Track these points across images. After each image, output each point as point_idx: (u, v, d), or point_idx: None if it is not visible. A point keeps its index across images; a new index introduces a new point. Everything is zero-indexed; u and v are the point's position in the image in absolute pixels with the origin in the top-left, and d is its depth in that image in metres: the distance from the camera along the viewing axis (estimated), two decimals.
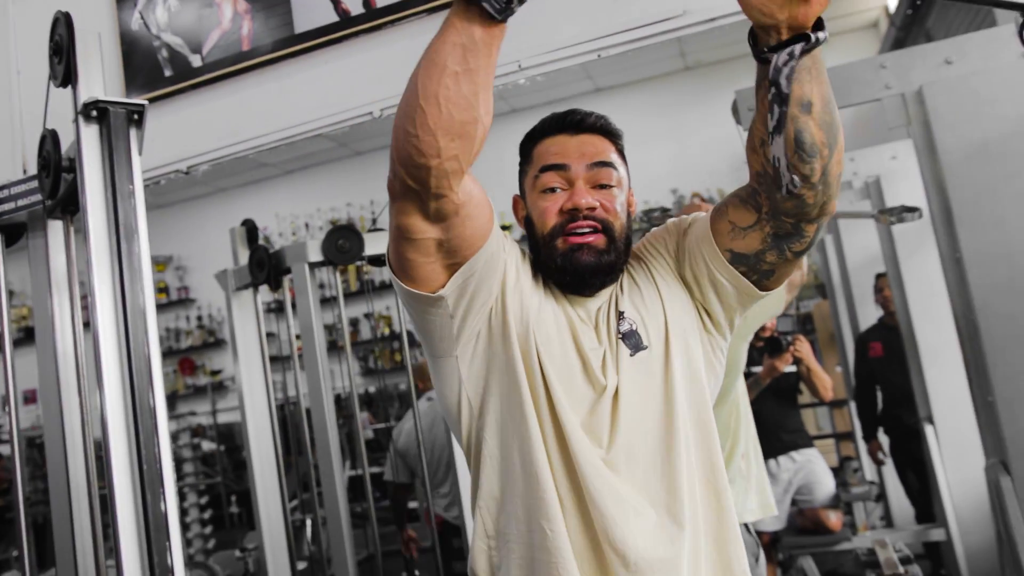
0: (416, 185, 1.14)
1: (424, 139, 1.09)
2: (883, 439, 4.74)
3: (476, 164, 1.18)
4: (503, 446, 1.33)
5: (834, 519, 3.99)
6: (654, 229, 1.50)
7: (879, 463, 4.77)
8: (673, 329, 1.37)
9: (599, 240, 1.34)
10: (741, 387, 2.58)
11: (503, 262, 1.33)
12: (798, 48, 1.07)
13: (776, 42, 1.09)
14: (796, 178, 1.15)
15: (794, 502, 4.14)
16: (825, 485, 4.10)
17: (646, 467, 1.31)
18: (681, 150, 7.50)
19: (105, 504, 1.57)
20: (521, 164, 1.45)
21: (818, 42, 1.07)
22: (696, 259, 1.36)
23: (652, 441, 1.32)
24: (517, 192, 1.47)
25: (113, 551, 1.51)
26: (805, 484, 4.11)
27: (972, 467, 2.95)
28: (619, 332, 1.36)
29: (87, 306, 1.63)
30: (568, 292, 1.38)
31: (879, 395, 4.70)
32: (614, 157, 1.40)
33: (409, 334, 3.34)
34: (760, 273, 1.34)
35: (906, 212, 3.08)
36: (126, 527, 1.48)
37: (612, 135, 1.43)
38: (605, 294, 1.40)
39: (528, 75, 2.10)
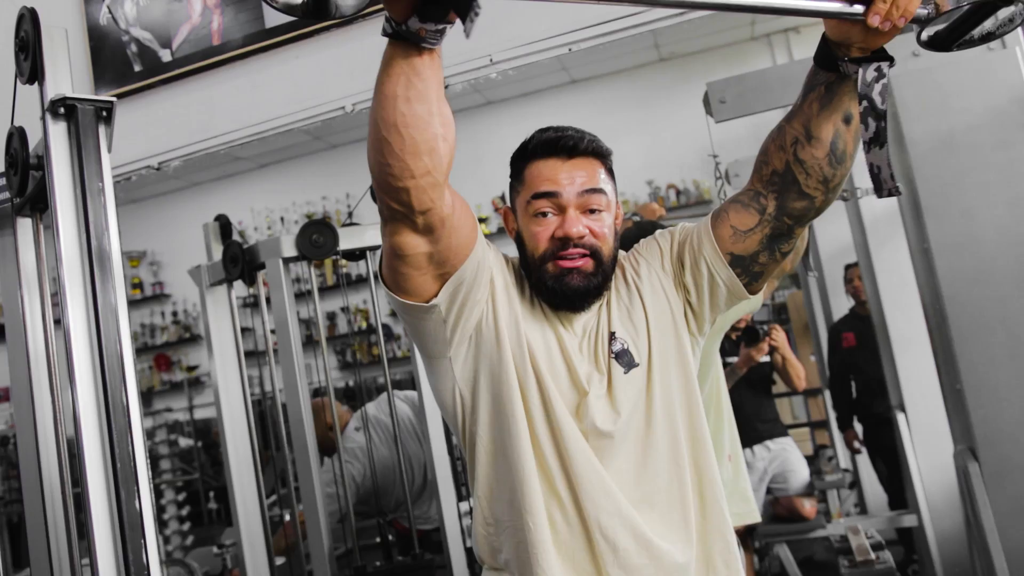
0: (401, 207, 1.21)
1: (395, 165, 1.16)
2: (858, 427, 4.80)
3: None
4: (494, 440, 1.41)
5: (808, 507, 4.04)
6: (643, 240, 1.56)
7: (854, 451, 4.83)
8: (663, 342, 1.45)
9: (588, 264, 1.40)
10: (722, 388, 2.55)
11: (489, 268, 1.40)
12: (886, 66, 1.18)
13: (847, 57, 1.20)
14: (896, 186, 1.23)
15: (769, 490, 4.19)
16: (799, 473, 4.15)
17: (628, 466, 1.40)
18: (656, 141, 7.53)
19: (79, 503, 1.56)
20: (513, 182, 1.49)
21: (893, 65, 1.19)
22: (699, 264, 1.44)
23: (633, 445, 1.41)
24: (507, 204, 1.53)
25: (88, 550, 1.50)
26: (780, 473, 4.16)
27: (942, 454, 3.00)
28: (611, 352, 1.43)
29: (58, 303, 1.63)
30: (555, 309, 1.45)
31: (853, 384, 4.76)
32: (603, 178, 1.44)
33: (385, 327, 3.34)
34: (751, 275, 1.44)
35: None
36: (100, 526, 1.47)
37: (602, 156, 1.46)
38: (591, 312, 1.46)
39: (499, 69, 2.11)
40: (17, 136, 1.73)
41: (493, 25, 1.21)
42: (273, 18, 2.30)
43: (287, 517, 3.36)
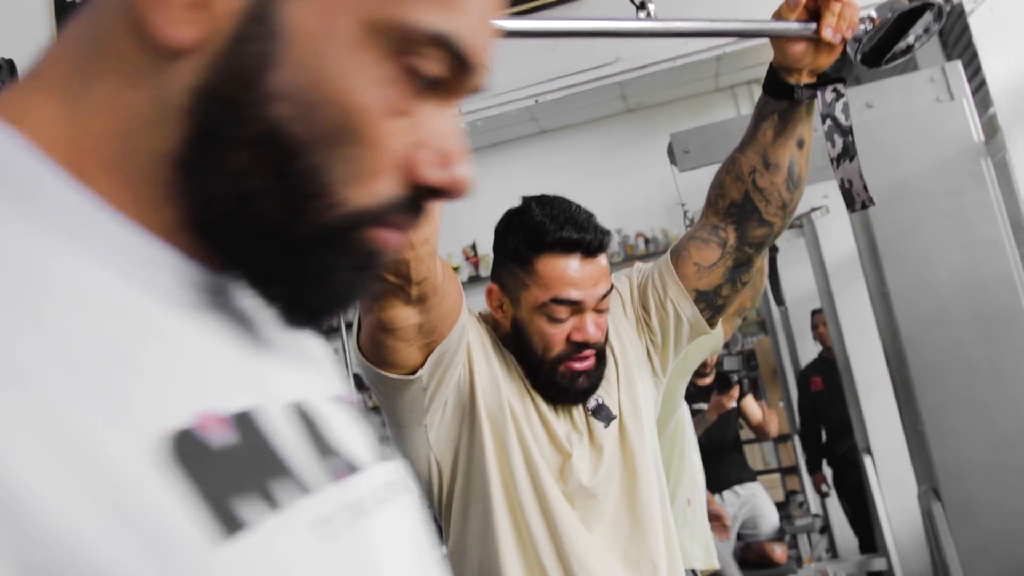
0: (399, 279, 1.14)
1: None
2: (827, 471, 4.84)
3: None
4: (466, 506, 1.36)
5: (779, 552, 4.05)
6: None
7: (823, 494, 4.86)
8: (631, 390, 1.44)
9: (593, 363, 1.37)
10: (687, 430, 2.55)
11: (466, 330, 1.34)
12: (842, 87, 1.23)
13: (799, 83, 1.25)
14: (869, 197, 1.27)
15: (739, 536, 4.20)
16: (769, 518, 4.17)
17: (615, 525, 1.37)
18: (624, 191, 7.63)
19: None
20: (514, 268, 1.39)
21: (845, 84, 1.23)
22: (664, 305, 1.44)
23: (616, 500, 1.38)
24: (495, 283, 1.45)
25: None
26: (750, 518, 4.17)
27: (909, 496, 3.03)
28: (587, 409, 1.40)
29: None
30: (555, 403, 1.40)
31: (822, 428, 4.81)
32: (608, 272, 1.41)
33: (356, 377, 3.32)
34: (714, 309, 1.44)
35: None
36: None
37: (607, 247, 1.42)
38: None
39: (468, 119, 2.15)
40: None
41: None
42: None
43: None
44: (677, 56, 1.98)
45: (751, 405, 4.47)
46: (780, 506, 4.42)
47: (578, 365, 1.35)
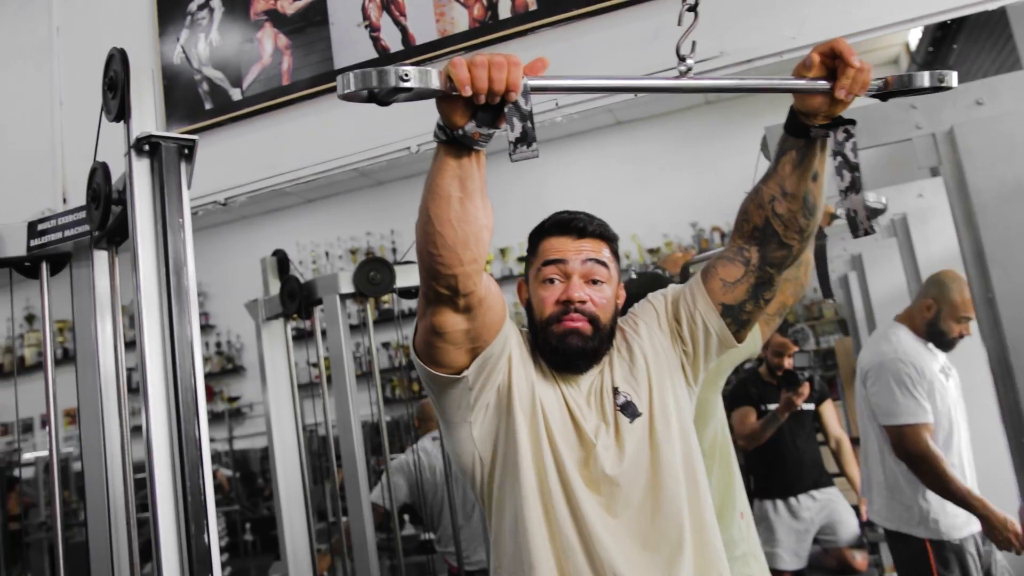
0: (447, 292, 1.35)
1: (447, 256, 1.30)
2: None
3: (502, 194, 1.25)
4: (505, 498, 1.53)
5: (860, 559, 3.95)
6: (638, 304, 1.73)
7: None
8: (662, 393, 1.59)
9: (586, 328, 1.55)
10: (728, 441, 2.45)
11: (509, 340, 1.54)
12: (852, 128, 1.39)
13: (816, 125, 1.40)
14: (871, 225, 1.45)
15: (817, 541, 4.10)
16: (848, 524, 4.07)
17: (638, 513, 1.51)
18: (700, 184, 7.53)
19: (143, 530, 1.58)
20: (528, 256, 1.66)
21: (855, 126, 1.40)
22: (694, 317, 1.61)
23: (643, 490, 1.53)
24: (523, 278, 1.69)
25: None
26: (828, 523, 4.08)
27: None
28: (616, 405, 1.57)
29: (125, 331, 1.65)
30: (559, 371, 1.59)
31: None
32: (607, 256, 1.61)
33: None
34: (739, 323, 1.61)
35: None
36: (170, 560, 1.49)
37: (608, 239, 1.63)
38: (594, 372, 1.61)
39: (565, 113, 2.13)
40: (101, 171, 1.78)
41: (558, 70, 1.24)
42: (341, 60, 2.36)
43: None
44: (785, 51, 1.93)
45: (830, 416, 4.38)
46: (857, 510, 4.31)
47: (568, 324, 1.54)
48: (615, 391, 1.58)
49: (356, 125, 2.34)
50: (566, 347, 1.54)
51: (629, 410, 1.57)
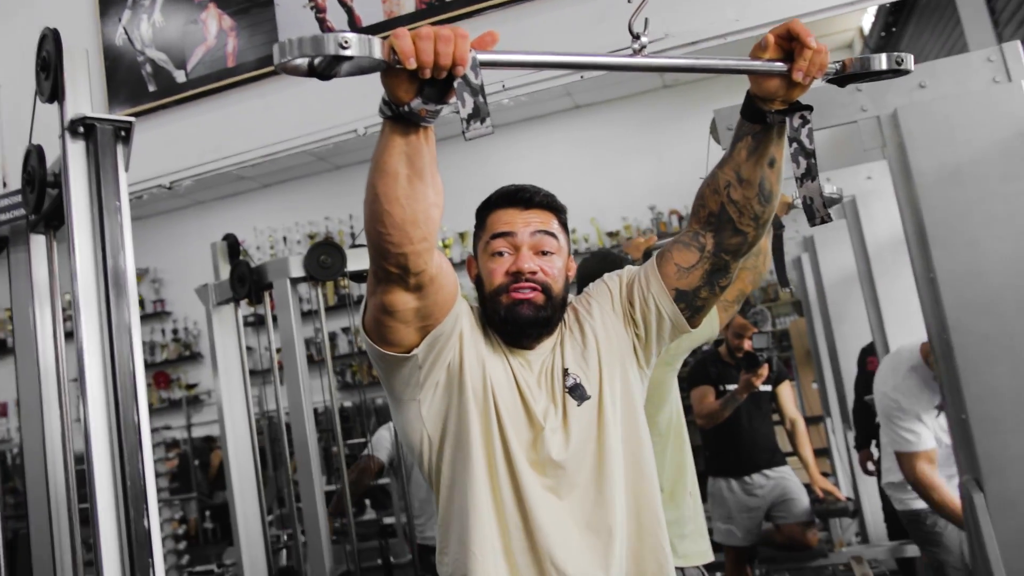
0: (397, 270, 1.32)
1: (395, 234, 1.27)
2: (874, 451, 4.76)
3: (463, 179, 1.22)
4: (453, 476, 1.51)
5: (810, 535, 4.02)
6: (593, 284, 1.69)
7: (868, 473, 4.79)
8: (612, 375, 1.57)
9: (538, 297, 1.53)
10: (679, 421, 2.47)
11: (460, 318, 1.51)
12: (808, 113, 1.36)
13: (773, 110, 1.37)
14: (828, 213, 1.43)
15: (769, 518, 4.17)
16: (800, 501, 4.14)
17: (583, 496, 1.51)
18: (659, 168, 7.56)
19: (85, 519, 1.56)
20: (476, 229, 1.63)
21: (811, 112, 1.37)
22: (647, 300, 1.58)
23: (589, 473, 1.52)
24: (471, 254, 1.66)
25: (94, 568, 1.50)
26: (780, 501, 4.15)
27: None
28: (565, 387, 1.55)
29: (68, 318, 1.63)
30: (510, 343, 1.56)
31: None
32: (556, 228, 1.59)
33: None
34: (693, 309, 1.58)
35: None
36: (109, 544, 1.47)
37: (556, 210, 1.60)
38: (546, 348, 1.59)
39: (512, 95, 2.13)
40: (35, 154, 1.74)
41: (506, 51, 1.23)
42: None
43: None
44: (728, 33, 1.94)
45: (787, 397, 4.44)
46: (809, 489, 4.38)
47: (516, 295, 1.52)
48: (565, 372, 1.56)
49: (302, 108, 2.32)
50: (517, 316, 1.51)
51: (577, 392, 1.55)
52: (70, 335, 1.83)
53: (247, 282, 2.92)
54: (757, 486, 4.14)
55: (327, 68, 1.04)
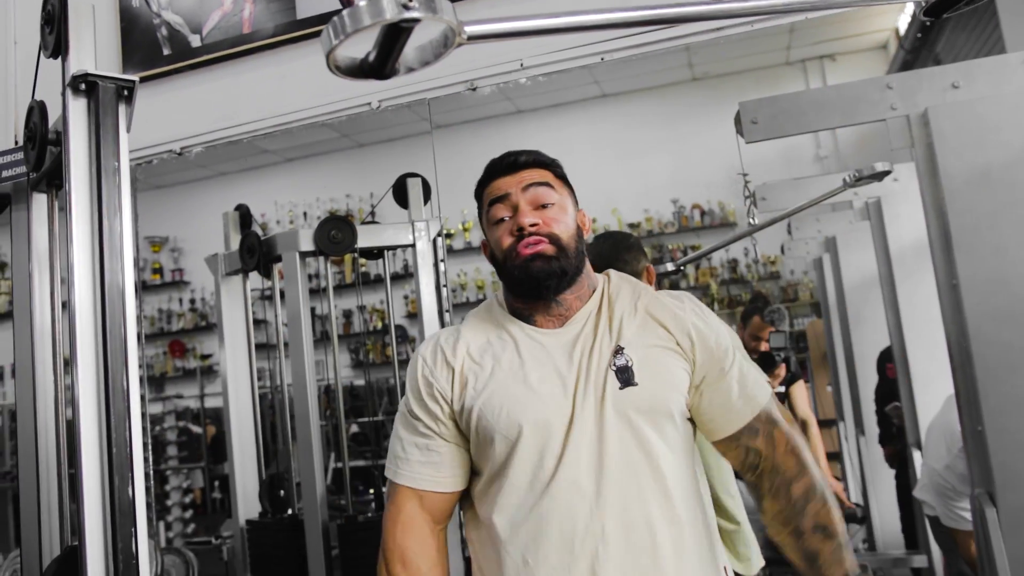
0: None
1: None
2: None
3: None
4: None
5: None
6: (690, 308, 1.56)
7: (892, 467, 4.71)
8: (667, 378, 1.48)
9: (548, 248, 1.48)
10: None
11: (442, 402, 1.52)
12: None
13: None
14: None
15: None
16: None
17: (617, 488, 1.42)
18: (683, 160, 7.48)
19: (74, 485, 1.54)
20: (478, 211, 1.62)
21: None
22: (701, 389, 1.52)
23: (620, 461, 1.43)
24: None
25: (78, 534, 1.47)
26: None
27: None
28: (613, 365, 1.45)
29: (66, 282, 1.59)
30: (530, 298, 1.52)
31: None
32: (551, 178, 1.56)
33: (399, 328, 3.31)
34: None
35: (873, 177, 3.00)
36: (92, 511, 1.45)
37: (546, 165, 1.58)
38: (579, 322, 1.52)
39: (530, 74, 2.07)
40: (37, 110, 1.71)
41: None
42: (304, 9, 2.28)
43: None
44: (754, 18, 1.87)
45: (800, 397, 4.37)
46: None
47: (525, 250, 1.48)
48: (618, 350, 1.47)
49: (317, 78, 2.27)
50: (530, 272, 1.48)
51: (624, 375, 1.45)
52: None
53: (256, 253, 2.88)
54: None
55: (386, 51, 0.86)
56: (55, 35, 1.57)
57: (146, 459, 1.91)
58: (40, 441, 1.83)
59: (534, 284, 1.48)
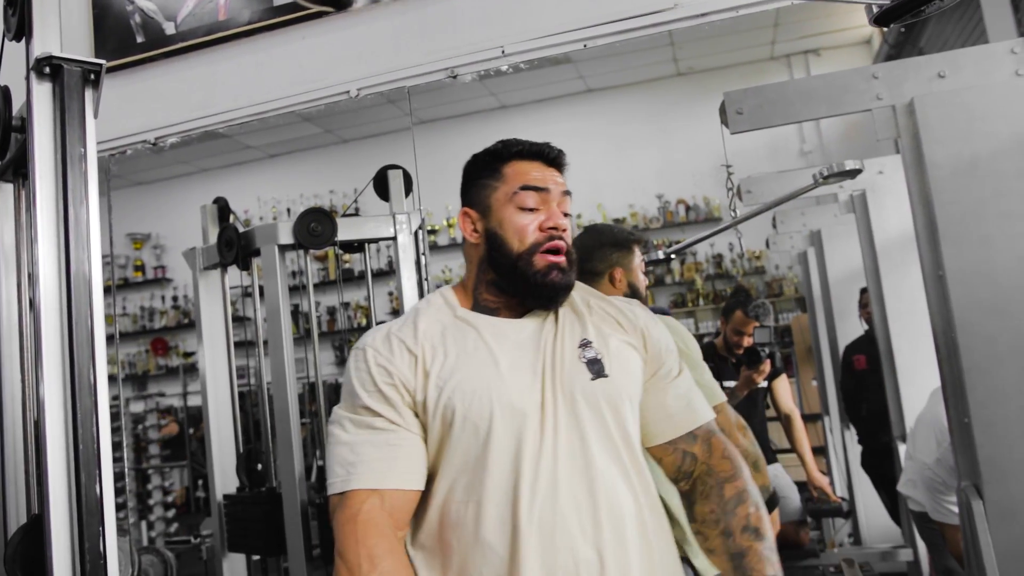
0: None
1: None
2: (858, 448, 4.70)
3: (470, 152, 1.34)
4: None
5: (802, 534, 3.95)
6: (640, 311, 1.60)
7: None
8: (630, 370, 1.50)
9: (564, 261, 1.48)
10: None
11: (409, 392, 1.44)
12: None
13: None
14: None
15: None
16: (791, 500, 4.06)
17: (601, 480, 1.41)
18: (668, 156, 7.47)
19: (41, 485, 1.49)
20: (484, 180, 1.53)
21: None
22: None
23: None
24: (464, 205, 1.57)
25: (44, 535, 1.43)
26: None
27: None
28: (583, 357, 1.46)
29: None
30: (541, 303, 1.50)
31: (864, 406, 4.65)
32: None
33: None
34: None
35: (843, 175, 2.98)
36: (58, 510, 1.40)
37: (564, 169, 1.57)
38: (539, 315, 1.51)
39: (511, 61, 2.03)
40: (1, 95, 1.66)
41: (506, 15, 1.14)
42: None
43: None
44: (740, 6, 1.84)
45: (783, 390, 4.35)
46: (803, 487, 4.31)
47: (552, 257, 1.46)
48: (585, 343, 1.48)
49: (294, 67, 2.23)
50: (552, 283, 1.46)
51: (595, 367, 1.45)
52: None
53: (235, 247, 2.83)
54: None
55: None
56: (18, 16, 1.51)
57: (117, 457, 1.85)
58: (7, 442, 1.77)
59: (550, 294, 1.48)
